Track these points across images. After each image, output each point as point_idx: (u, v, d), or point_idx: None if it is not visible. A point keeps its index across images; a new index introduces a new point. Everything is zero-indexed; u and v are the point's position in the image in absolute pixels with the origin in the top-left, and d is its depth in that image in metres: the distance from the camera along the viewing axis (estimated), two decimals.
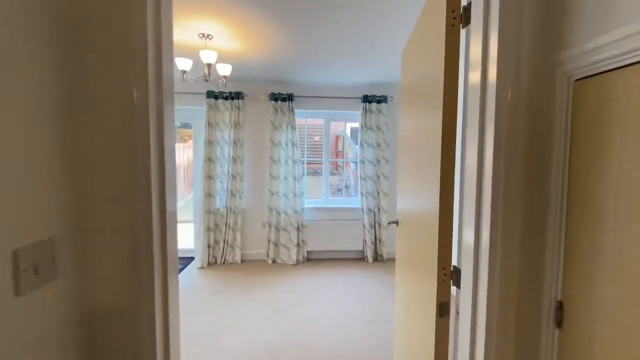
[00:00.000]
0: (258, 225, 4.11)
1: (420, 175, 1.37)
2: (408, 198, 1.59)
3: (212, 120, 3.83)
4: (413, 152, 1.49)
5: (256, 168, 4.08)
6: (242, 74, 3.59)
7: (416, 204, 1.44)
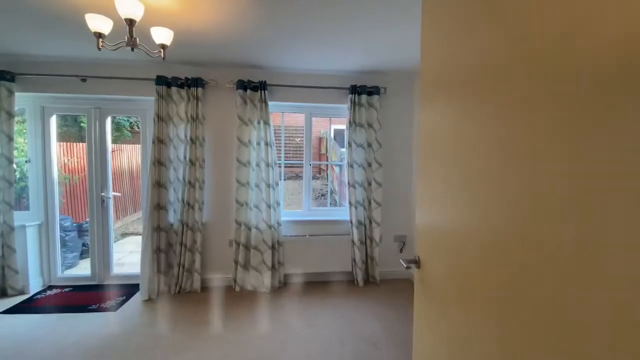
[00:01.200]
0: (223, 244, 3.33)
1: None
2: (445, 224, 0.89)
3: (162, 112, 3.04)
4: (455, 163, 0.80)
5: (220, 173, 3.31)
6: (200, 54, 2.83)
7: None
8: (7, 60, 2.91)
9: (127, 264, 4.20)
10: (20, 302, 2.86)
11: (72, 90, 3.05)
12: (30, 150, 3.15)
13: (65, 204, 4.71)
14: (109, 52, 2.77)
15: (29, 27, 2.30)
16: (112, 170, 3.48)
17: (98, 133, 3.26)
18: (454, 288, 0.89)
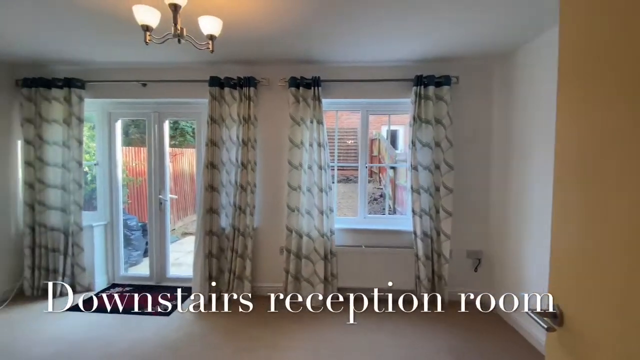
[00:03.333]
0: (274, 252, 3.15)
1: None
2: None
3: (215, 114, 2.96)
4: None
5: (271, 176, 3.14)
6: (251, 51, 2.68)
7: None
8: (78, 69, 3.09)
9: (184, 265, 4.28)
10: (85, 300, 2.99)
11: (134, 95, 3.14)
12: (99, 154, 3.33)
13: (131, 204, 5.04)
14: (166, 55, 2.79)
15: (96, 37, 2.36)
16: (174, 173, 3.54)
17: (157, 136, 3.32)
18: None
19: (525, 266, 2.48)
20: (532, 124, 2.43)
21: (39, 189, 3.01)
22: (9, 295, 3.00)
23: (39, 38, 2.43)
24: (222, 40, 2.27)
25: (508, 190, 2.72)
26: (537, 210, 2.35)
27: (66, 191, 3.05)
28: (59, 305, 2.84)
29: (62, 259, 3.04)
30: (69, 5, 1.88)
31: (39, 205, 3.02)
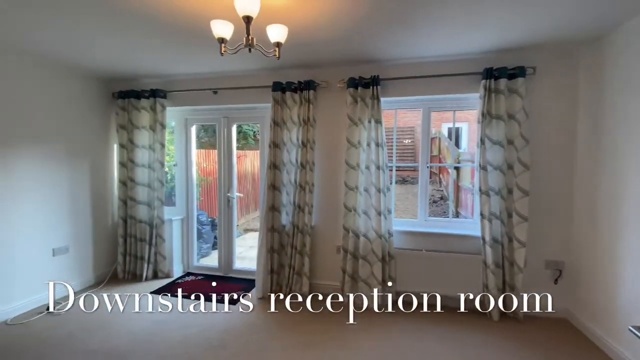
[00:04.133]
0: (331, 250, 3.19)
1: None
2: None
3: (277, 117, 3.11)
4: None
5: (329, 176, 3.19)
6: (311, 55, 2.76)
7: None
8: (161, 81, 3.51)
9: (247, 259, 4.57)
10: (165, 285, 3.38)
11: (206, 103, 3.45)
12: (177, 156, 3.74)
13: (203, 201, 5.54)
14: (234, 64, 3.01)
15: (177, 52, 2.65)
16: (237, 174, 3.83)
17: (225, 140, 3.61)
18: None
19: (622, 286, 2.12)
20: (627, 117, 2.08)
21: (130, 187, 3.49)
22: (106, 277, 3.53)
23: (132, 57, 2.82)
24: (285, 46, 2.38)
25: (597, 194, 2.37)
26: (637, 219, 2.00)
27: (151, 188, 3.48)
28: (146, 288, 3.26)
29: (147, 247, 3.48)
30: (156, 27, 2.15)
31: (130, 200, 3.50)
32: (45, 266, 2.97)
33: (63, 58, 2.83)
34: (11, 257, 2.69)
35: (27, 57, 2.77)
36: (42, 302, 2.90)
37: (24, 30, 2.24)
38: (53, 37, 2.37)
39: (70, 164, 3.18)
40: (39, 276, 2.91)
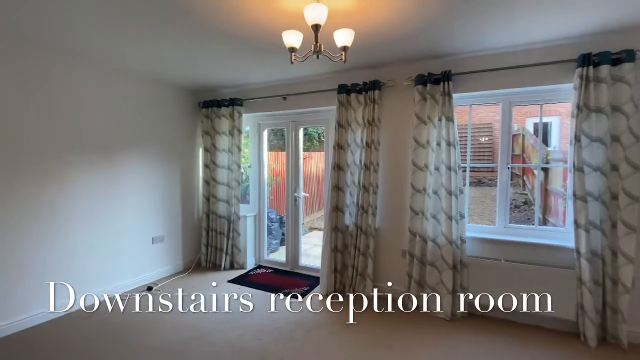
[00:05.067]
0: (395, 254, 3.12)
1: None
2: None
3: (342, 119, 3.17)
4: None
5: (394, 178, 3.12)
6: (377, 54, 2.74)
7: None
8: (238, 90, 3.87)
9: (311, 256, 4.73)
10: (240, 275, 3.71)
11: (276, 108, 3.69)
12: (251, 158, 4.07)
13: (272, 200, 5.92)
14: (301, 70, 3.16)
15: (252, 64, 2.91)
16: (303, 174, 4.01)
17: (293, 142, 3.81)
18: None
19: None
20: None
21: (212, 185, 3.93)
22: (192, 264, 4.02)
23: (215, 71, 3.18)
24: (351, 49, 2.41)
25: None
26: None
27: (229, 187, 3.86)
28: (224, 277, 3.63)
29: (225, 240, 3.86)
30: (236, 43, 2.40)
31: (212, 197, 3.94)
32: (146, 252, 3.52)
33: (158, 74, 3.34)
34: (121, 244, 3.27)
35: (128, 74, 3.34)
36: (144, 281, 3.45)
37: (129, 53, 2.71)
38: (151, 58, 2.81)
39: (165, 165, 3.72)
40: (141, 260, 3.48)
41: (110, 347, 2.28)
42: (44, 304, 2.64)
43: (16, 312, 2.48)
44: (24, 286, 2.53)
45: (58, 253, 2.74)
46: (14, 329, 2.46)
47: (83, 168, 2.91)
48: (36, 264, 2.60)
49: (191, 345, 2.31)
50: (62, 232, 2.77)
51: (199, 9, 1.90)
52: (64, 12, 1.95)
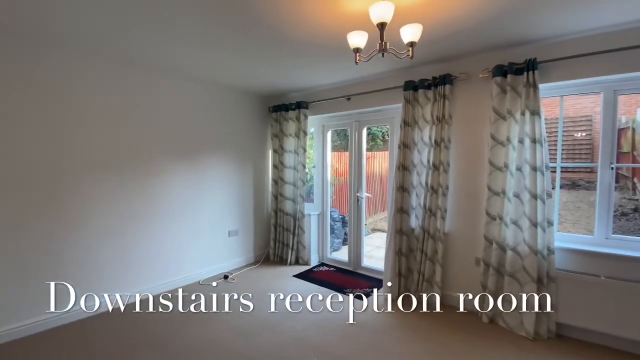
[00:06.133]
0: (468, 261, 2.88)
1: None
2: None
3: (408, 117, 3.05)
4: None
5: (467, 178, 2.88)
6: (448, 47, 2.57)
7: None
8: (304, 93, 4.01)
9: (374, 257, 4.66)
10: (304, 271, 3.85)
11: (340, 109, 3.72)
12: (315, 159, 4.19)
13: (335, 199, 5.99)
14: (365, 70, 3.13)
15: (317, 67, 3.00)
16: (366, 174, 3.98)
17: (356, 142, 3.80)
18: None
19: None
20: None
21: (280, 184, 4.15)
22: (261, 257, 4.31)
23: (286, 77, 3.35)
24: (418, 44, 2.30)
25: None
26: None
27: (295, 186, 4.04)
28: (290, 271, 3.80)
29: (291, 237, 4.05)
30: (303, 49, 2.49)
31: (279, 196, 4.16)
32: (223, 244, 3.89)
33: (232, 83, 3.65)
34: (202, 236, 3.66)
35: (207, 84, 3.71)
36: (221, 270, 3.82)
37: (207, 65, 3.02)
38: (226, 68, 3.09)
39: (240, 166, 4.06)
40: (219, 251, 3.85)
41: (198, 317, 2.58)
42: (148, 283, 3.13)
43: (135, 287, 2.99)
44: (135, 270, 3.03)
45: (155, 244, 3.21)
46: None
47: (175, 170, 3.35)
48: (141, 252, 3.09)
49: (259, 332, 2.48)
50: (160, 228, 3.24)
51: (268, 19, 2.02)
52: (165, 39, 2.27)
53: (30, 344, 2.31)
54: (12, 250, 2.35)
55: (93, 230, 2.78)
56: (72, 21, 2.04)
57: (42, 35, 2.26)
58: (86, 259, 2.75)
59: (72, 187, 2.65)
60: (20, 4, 1.81)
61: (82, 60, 2.66)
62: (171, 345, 2.30)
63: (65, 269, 2.62)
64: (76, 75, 2.64)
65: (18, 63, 2.33)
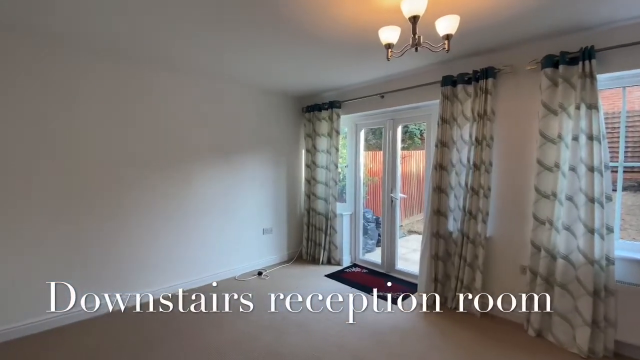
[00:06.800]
0: (512, 269, 2.67)
1: None
2: None
3: (446, 114, 2.90)
4: None
5: (511, 179, 2.67)
6: (490, 38, 2.39)
7: None
8: (337, 92, 3.98)
9: (409, 260, 4.51)
10: (336, 271, 3.83)
11: (374, 107, 3.64)
12: (348, 158, 4.15)
13: (369, 199, 5.90)
14: (399, 66, 3.03)
15: (350, 65, 2.96)
16: (402, 174, 3.86)
17: (391, 141, 3.69)
18: None
19: None
20: None
21: (312, 184, 4.17)
22: (294, 256, 4.36)
23: (318, 77, 3.36)
24: (456, 36, 2.17)
25: None
26: None
27: (327, 186, 4.03)
28: (322, 271, 3.81)
29: (323, 236, 4.05)
30: (336, 47, 2.47)
31: (312, 195, 4.18)
32: (258, 241, 4.00)
33: (267, 85, 3.72)
34: (238, 234, 3.79)
35: (243, 86, 3.82)
36: (255, 267, 3.93)
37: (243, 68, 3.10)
38: (261, 71, 3.16)
39: (274, 165, 4.14)
40: (254, 248, 3.96)
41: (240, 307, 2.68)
42: (186, 278, 3.32)
43: (175, 282, 3.19)
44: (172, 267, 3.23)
45: (193, 242, 3.39)
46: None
47: (213, 170, 3.51)
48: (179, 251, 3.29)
49: (290, 329, 2.51)
50: (200, 224, 3.41)
51: (299, 18, 2.03)
52: (206, 45, 2.39)
53: (93, 330, 2.55)
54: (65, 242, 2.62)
55: (134, 230, 2.99)
56: (134, 33, 2.22)
57: (113, 48, 2.52)
58: (129, 258, 2.98)
59: (118, 188, 2.88)
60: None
61: (136, 69, 2.90)
62: (210, 336, 2.41)
63: (111, 267, 2.86)
64: (132, 83, 2.89)
65: (90, 71, 2.60)
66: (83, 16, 1.98)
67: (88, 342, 2.35)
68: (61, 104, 2.53)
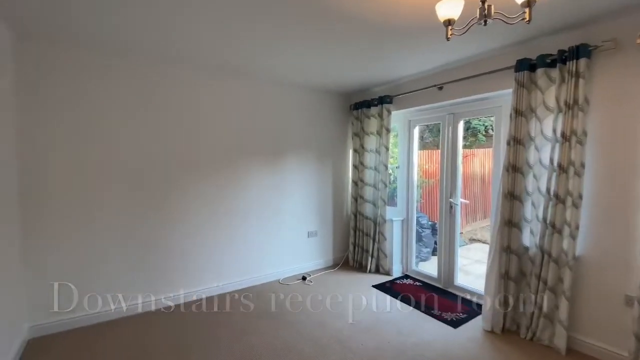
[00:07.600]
0: (612, 298, 2.09)
1: None
2: None
3: (521, 105, 2.40)
4: None
5: (611, 184, 2.09)
6: (583, 8, 1.88)
7: None
8: (388, 87, 3.65)
9: (472, 274, 3.98)
10: (385, 282, 3.50)
11: (430, 101, 3.24)
12: (400, 158, 3.78)
13: (423, 203, 5.40)
14: (461, 50, 2.60)
15: (401, 53, 2.62)
16: (464, 176, 3.38)
17: (450, 139, 3.25)
18: None
19: None
20: None
21: (360, 186, 3.89)
22: (340, 261, 4.13)
23: (367, 70, 3.09)
24: (538, 4, 1.73)
25: None
26: None
27: (376, 189, 3.72)
28: (369, 280, 3.52)
29: (371, 242, 3.75)
30: (387, 34, 2.18)
31: (359, 198, 3.91)
32: (302, 245, 3.87)
33: (313, 82, 3.54)
34: (282, 237, 3.69)
35: (289, 86, 3.70)
36: (300, 271, 3.80)
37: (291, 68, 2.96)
38: (309, 70, 2.98)
39: (319, 166, 3.96)
40: (298, 251, 3.84)
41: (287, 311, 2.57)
42: (227, 279, 3.32)
43: (219, 282, 3.22)
44: (216, 267, 3.25)
45: (236, 242, 3.38)
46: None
47: (257, 172, 3.46)
48: (224, 251, 3.30)
49: (332, 344, 2.30)
50: (244, 225, 3.39)
51: (344, 8, 1.79)
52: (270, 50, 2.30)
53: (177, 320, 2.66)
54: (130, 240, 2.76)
55: (182, 231, 3.05)
56: (199, 42, 2.23)
57: (180, 56, 2.58)
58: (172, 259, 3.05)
59: (170, 189, 2.96)
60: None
61: (208, 76, 3.09)
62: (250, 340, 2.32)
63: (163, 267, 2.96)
64: (200, 91, 3.06)
65: (152, 79, 2.73)
66: (161, 26, 2.01)
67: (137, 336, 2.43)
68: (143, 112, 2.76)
